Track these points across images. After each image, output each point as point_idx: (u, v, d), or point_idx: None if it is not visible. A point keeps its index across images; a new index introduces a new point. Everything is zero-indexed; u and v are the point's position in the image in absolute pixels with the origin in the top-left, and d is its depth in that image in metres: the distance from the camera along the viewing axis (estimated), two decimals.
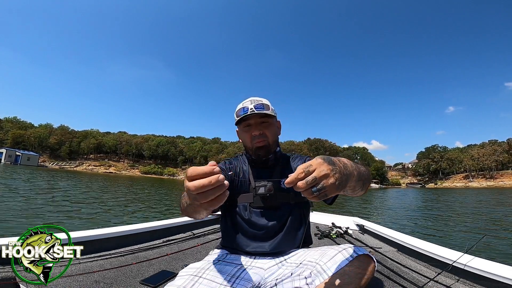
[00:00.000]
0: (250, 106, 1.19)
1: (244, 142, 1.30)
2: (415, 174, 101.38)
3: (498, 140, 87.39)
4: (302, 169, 0.62)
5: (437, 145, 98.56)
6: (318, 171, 0.62)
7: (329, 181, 0.62)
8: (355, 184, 0.79)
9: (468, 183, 79.83)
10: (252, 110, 1.18)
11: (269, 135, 1.23)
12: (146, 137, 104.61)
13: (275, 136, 1.29)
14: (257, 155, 1.24)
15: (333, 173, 0.64)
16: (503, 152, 78.83)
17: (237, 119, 1.22)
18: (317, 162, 0.64)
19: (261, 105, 1.20)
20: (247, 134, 1.24)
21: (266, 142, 1.22)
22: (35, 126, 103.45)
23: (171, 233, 2.83)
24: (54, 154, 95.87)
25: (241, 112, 1.20)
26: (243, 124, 1.25)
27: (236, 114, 1.24)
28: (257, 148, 1.22)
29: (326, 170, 0.63)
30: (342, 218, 4.13)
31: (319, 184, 0.61)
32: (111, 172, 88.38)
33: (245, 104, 1.22)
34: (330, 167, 0.64)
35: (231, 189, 1.23)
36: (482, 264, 1.77)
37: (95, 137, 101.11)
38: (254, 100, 1.23)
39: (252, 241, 1.19)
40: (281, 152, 1.36)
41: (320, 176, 0.62)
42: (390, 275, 1.99)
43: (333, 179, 0.63)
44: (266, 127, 1.23)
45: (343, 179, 0.67)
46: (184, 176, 0.68)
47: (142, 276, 1.82)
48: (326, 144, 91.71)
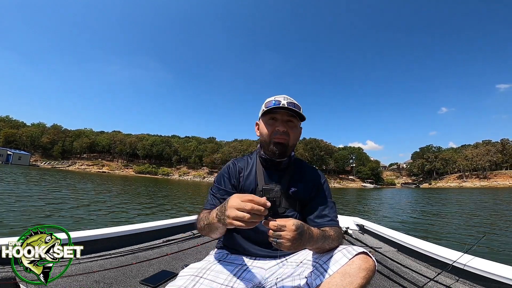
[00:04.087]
0: (283, 101, 1.14)
1: (262, 135, 1.22)
2: (410, 174, 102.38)
3: (491, 140, 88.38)
4: (277, 224, 0.81)
5: (432, 145, 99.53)
6: (285, 233, 0.81)
7: (286, 243, 0.80)
8: (317, 246, 0.96)
9: (462, 183, 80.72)
10: (284, 105, 1.13)
11: (291, 135, 1.18)
12: (141, 137, 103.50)
13: (296, 140, 1.23)
14: (273, 150, 1.17)
15: (294, 240, 0.81)
16: (497, 152, 79.76)
17: (265, 109, 1.17)
18: (290, 228, 0.81)
19: (293, 104, 1.16)
20: (270, 128, 1.17)
21: (286, 141, 1.16)
22: (27, 125, 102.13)
23: (171, 233, 2.81)
24: (46, 153, 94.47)
25: (271, 104, 1.15)
26: (269, 116, 1.18)
27: (265, 105, 1.18)
28: (275, 143, 1.16)
29: (291, 236, 0.80)
30: (342, 218, 4.13)
31: (280, 240, 0.81)
32: (104, 171, 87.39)
33: (277, 98, 1.17)
34: (296, 236, 0.81)
35: (237, 187, 1.22)
36: (482, 264, 1.79)
37: (88, 137, 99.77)
38: (287, 97, 1.18)
39: (254, 245, 1.17)
40: (295, 156, 1.31)
41: (284, 237, 0.80)
42: (390, 275, 2.00)
43: (289, 243, 0.81)
44: (292, 127, 1.17)
45: (299, 247, 0.85)
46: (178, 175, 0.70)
47: (142, 276, 1.81)
48: (322, 144, 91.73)
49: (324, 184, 1.25)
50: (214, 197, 1.21)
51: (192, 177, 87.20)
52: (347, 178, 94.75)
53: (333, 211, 1.18)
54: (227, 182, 1.24)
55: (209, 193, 1.25)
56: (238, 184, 1.23)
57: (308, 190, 1.21)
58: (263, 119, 1.20)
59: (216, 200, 1.19)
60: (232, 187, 1.23)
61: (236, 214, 0.81)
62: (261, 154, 1.25)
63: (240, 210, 0.80)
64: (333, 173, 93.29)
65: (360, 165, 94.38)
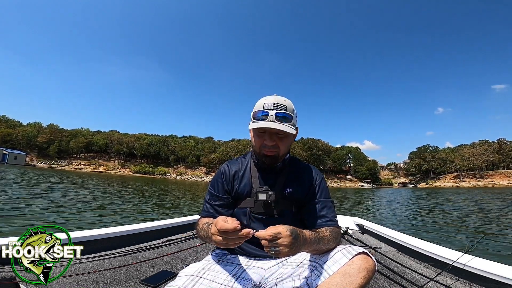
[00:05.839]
0: (272, 112, 1.05)
1: (253, 144, 1.18)
2: (407, 174, 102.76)
3: (488, 140, 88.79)
4: (272, 233, 0.80)
5: (429, 145, 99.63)
6: (282, 240, 0.80)
7: (284, 250, 0.81)
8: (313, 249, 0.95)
9: (459, 182, 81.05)
10: (272, 119, 1.04)
11: (281, 147, 1.12)
12: (138, 136, 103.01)
13: (288, 148, 1.18)
14: (263, 161, 1.16)
15: (291, 246, 0.81)
16: (493, 152, 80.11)
17: (252, 121, 1.10)
18: (285, 234, 0.81)
19: (285, 114, 1.07)
20: (259, 140, 1.12)
21: (275, 153, 1.12)
22: (23, 124, 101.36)
23: (171, 233, 2.81)
24: (42, 153, 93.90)
25: (259, 115, 1.07)
26: (258, 128, 1.09)
27: (253, 115, 1.10)
28: (264, 155, 1.13)
29: (287, 242, 0.80)
30: (342, 218, 4.14)
31: (278, 248, 0.80)
32: (101, 171, 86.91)
33: (266, 106, 1.08)
34: (291, 241, 0.81)
35: (231, 191, 1.21)
36: (482, 264, 1.80)
37: (85, 136, 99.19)
38: (277, 103, 1.07)
39: (254, 245, 1.17)
40: (291, 156, 1.28)
41: (280, 243, 0.80)
42: (390, 275, 2.00)
43: (287, 250, 0.81)
44: (281, 139, 1.11)
45: (295, 252, 0.85)
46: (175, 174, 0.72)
47: (142, 276, 1.81)
48: (319, 143, 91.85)
49: (321, 183, 1.22)
50: (208, 203, 1.22)
51: (190, 177, 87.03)
52: (345, 178, 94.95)
53: (331, 210, 1.16)
54: (220, 187, 1.23)
55: (204, 200, 1.25)
56: (232, 188, 1.22)
57: (305, 190, 1.19)
58: (252, 128, 1.12)
59: (210, 206, 1.21)
60: (225, 192, 1.22)
61: (221, 242, 0.85)
62: (254, 158, 1.24)
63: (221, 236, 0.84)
64: (330, 173, 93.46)
65: (358, 165, 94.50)
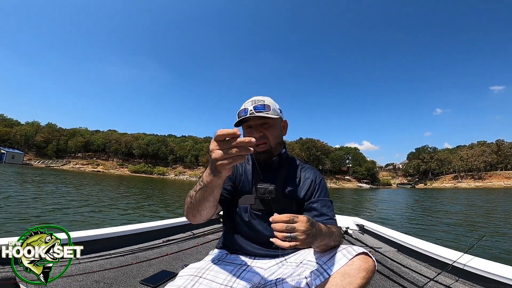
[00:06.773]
0: (250, 107, 1.13)
1: None
2: (406, 175, 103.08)
3: (486, 141, 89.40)
4: (289, 216, 0.75)
5: (427, 145, 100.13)
6: (299, 225, 0.75)
7: (302, 236, 0.75)
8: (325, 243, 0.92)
9: (457, 183, 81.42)
10: (251, 112, 1.11)
11: (270, 137, 1.16)
12: (136, 136, 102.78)
13: (278, 138, 1.22)
14: (258, 158, 1.19)
15: (308, 232, 0.76)
16: (492, 153, 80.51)
17: (237, 120, 1.16)
18: (303, 219, 0.77)
19: (262, 105, 1.14)
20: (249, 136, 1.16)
21: (267, 146, 1.16)
22: (21, 123, 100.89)
23: (171, 233, 2.81)
24: (40, 152, 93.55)
25: (242, 114, 1.14)
26: (244, 125, 1.19)
27: (237, 116, 1.17)
28: (257, 152, 1.17)
29: (305, 227, 0.76)
30: (342, 218, 4.14)
31: (294, 233, 0.74)
32: (99, 171, 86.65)
33: (246, 105, 1.16)
34: (309, 227, 0.77)
35: (233, 188, 1.21)
36: (482, 264, 1.80)
37: (83, 135, 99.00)
38: (255, 100, 1.17)
39: (254, 244, 1.17)
40: (287, 154, 1.29)
41: (298, 229, 0.75)
42: (390, 275, 2.01)
43: (305, 236, 0.75)
44: (267, 128, 1.16)
45: (312, 240, 0.80)
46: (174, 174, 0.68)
47: (142, 276, 1.81)
48: (318, 144, 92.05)
49: (321, 182, 1.23)
50: None
51: (188, 177, 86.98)
52: (343, 178, 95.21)
53: (330, 210, 1.17)
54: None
55: None
56: (233, 185, 1.22)
57: (305, 189, 1.20)
58: (242, 128, 1.21)
59: None
60: (226, 191, 1.20)
61: (220, 156, 0.72)
62: (253, 156, 1.25)
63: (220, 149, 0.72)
64: (329, 173, 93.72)
65: (356, 165, 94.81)
